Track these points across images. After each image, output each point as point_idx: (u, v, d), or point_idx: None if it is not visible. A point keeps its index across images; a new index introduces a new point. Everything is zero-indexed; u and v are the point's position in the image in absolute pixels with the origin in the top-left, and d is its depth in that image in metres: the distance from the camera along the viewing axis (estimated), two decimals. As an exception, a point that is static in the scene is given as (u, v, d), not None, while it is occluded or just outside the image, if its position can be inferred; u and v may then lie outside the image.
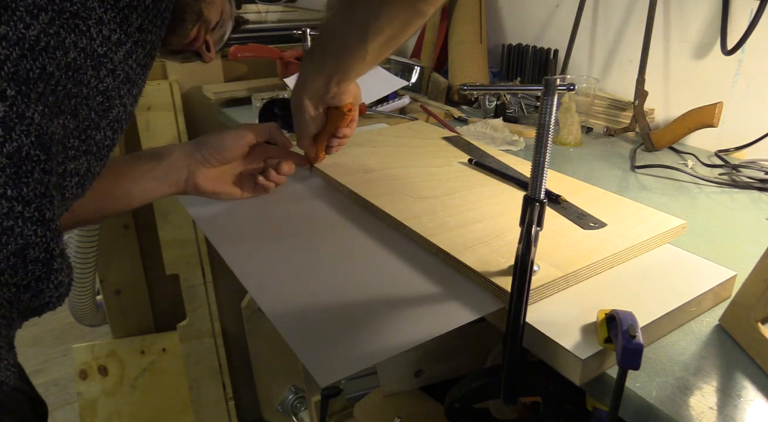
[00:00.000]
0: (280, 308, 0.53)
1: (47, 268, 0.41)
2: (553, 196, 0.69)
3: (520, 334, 0.48)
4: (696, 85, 1.05)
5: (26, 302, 0.41)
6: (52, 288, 0.42)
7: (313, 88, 0.66)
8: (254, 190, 0.75)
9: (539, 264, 0.54)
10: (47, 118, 0.40)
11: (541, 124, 0.46)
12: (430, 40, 1.46)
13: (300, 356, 0.47)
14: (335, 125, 0.73)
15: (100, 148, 0.48)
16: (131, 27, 0.47)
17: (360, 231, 0.68)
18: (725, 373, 0.46)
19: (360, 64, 0.61)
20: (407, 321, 0.50)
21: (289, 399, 1.60)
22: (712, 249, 0.66)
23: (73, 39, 0.42)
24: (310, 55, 0.66)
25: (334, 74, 0.63)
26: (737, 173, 0.90)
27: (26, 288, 0.40)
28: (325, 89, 0.65)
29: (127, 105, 0.50)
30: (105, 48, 0.45)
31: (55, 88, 0.41)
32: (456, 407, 0.55)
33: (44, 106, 0.40)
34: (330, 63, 0.63)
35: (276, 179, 0.74)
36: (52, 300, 0.43)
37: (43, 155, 0.40)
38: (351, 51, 0.60)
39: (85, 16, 0.42)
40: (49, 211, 0.40)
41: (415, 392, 0.90)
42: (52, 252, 0.41)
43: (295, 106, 0.69)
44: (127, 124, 0.51)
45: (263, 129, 0.73)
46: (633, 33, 1.14)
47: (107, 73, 0.46)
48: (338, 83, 0.65)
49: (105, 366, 1.56)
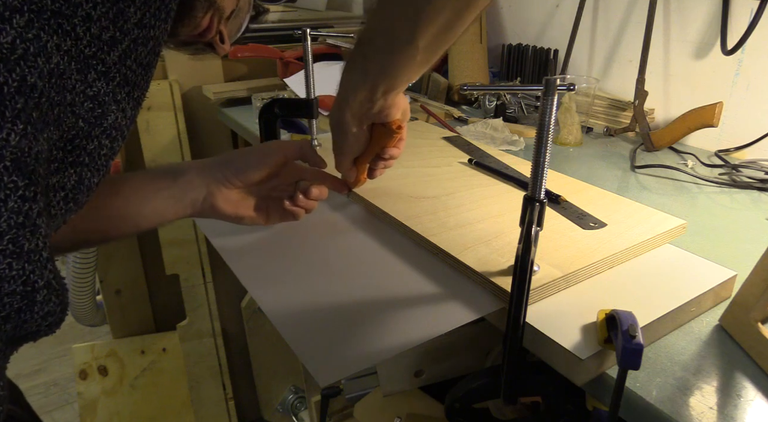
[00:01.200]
0: (280, 308, 0.53)
1: (28, 300, 0.37)
2: (553, 196, 0.69)
3: (520, 334, 0.48)
4: (696, 85, 1.05)
5: (9, 332, 0.37)
6: (37, 318, 0.38)
7: (356, 101, 0.56)
8: (282, 216, 0.65)
9: (539, 264, 0.54)
10: (29, 137, 0.35)
11: (541, 124, 0.46)
12: (430, 40, 1.46)
13: (300, 356, 0.47)
14: (381, 145, 0.63)
15: (94, 158, 0.43)
16: (128, 23, 0.41)
17: (360, 230, 0.68)
18: (725, 373, 0.46)
19: (409, 66, 0.52)
20: (407, 321, 0.50)
21: (289, 399, 1.60)
22: (712, 249, 0.66)
23: (55, 42, 0.37)
24: (350, 64, 0.56)
25: (379, 82, 0.54)
26: (737, 173, 0.90)
27: (5, 319, 0.36)
28: (369, 102, 0.55)
29: (128, 110, 0.45)
30: (94, 48, 0.39)
31: (39, 101, 0.36)
32: (456, 407, 0.55)
33: (25, 124, 0.35)
34: (374, 69, 0.53)
35: (305, 205, 0.64)
36: (41, 329, 0.39)
37: (22, 180, 0.35)
38: (398, 50, 0.50)
39: (70, 13, 0.37)
40: (29, 242, 0.36)
41: (415, 392, 0.90)
42: (33, 285, 0.36)
43: (336, 124, 0.59)
44: (130, 131, 0.47)
45: (294, 146, 0.64)
46: (633, 33, 1.14)
47: (98, 76, 0.41)
48: (385, 94, 0.55)
49: (105, 366, 1.56)
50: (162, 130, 1.39)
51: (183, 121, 1.40)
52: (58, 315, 0.39)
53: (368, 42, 0.53)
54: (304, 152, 0.64)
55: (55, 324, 0.39)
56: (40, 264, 0.37)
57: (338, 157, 0.63)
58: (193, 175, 0.60)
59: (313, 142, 0.92)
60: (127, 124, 0.45)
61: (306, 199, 0.64)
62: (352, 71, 0.55)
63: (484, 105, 1.25)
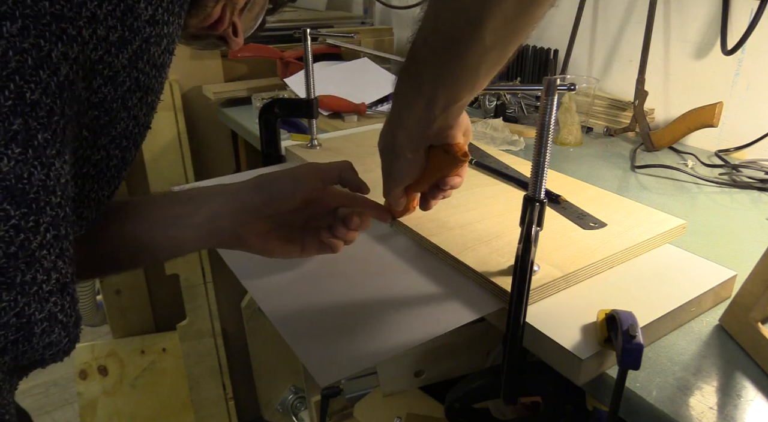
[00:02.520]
0: (280, 308, 0.53)
1: (24, 332, 0.34)
2: (553, 196, 0.69)
3: (520, 334, 0.48)
4: (696, 85, 1.05)
5: (10, 363, 0.35)
6: (38, 348, 0.35)
7: (411, 118, 0.47)
8: (319, 247, 0.57)
9: (539, 264, 0.54)
10: (30, 162, 0.31)
11: (541, 124, 0.46)
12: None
13: (300, 356, 0.47)
14: (441, 173, 0.53)
15: (101, 169, 0.39)
16: (138, 20, 0.37)
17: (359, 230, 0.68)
18: (725, 373, 0.46)
19: (475, 70, 0.42)
20: (407, 321, 0.50)
21: (289, 399, 1.60)
22: (712, 249, 0.66)
23: (61, 50, 0.32)
24: (402, 73, 0.46)
25: (438, 94, 0.44)
26: (737, 173, 0.90)
27: (2, 351, 0.34)
28: (427, 118, 0.46)
29: (140, 117, 0.41)
30: (101, 51, 0.36)
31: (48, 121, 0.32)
32: (456, 407, 0.55)
33: (24, 148, 0.31)
34: (430, 77, 0.43)
35: (345, 236, 0.56)
36: (44, 359, 0.36)
37: (16, 209, 0.31)
38: (460, 49, 0.40)
39: (73, 15, 0.33)
40: (22, 274, 0.33)
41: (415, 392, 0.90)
42: (29, 318, 0.34)
43: (386, 148, 0.51)
44: (144, 138, 0.43)
45: (332, 169, 0.55)
46: (633, 33, 1.14)
47: (104, 81, 0.37)
48: (445, 109, 0.45)
49: (105, 366, 1.56)
50: (162, 130, 1.39)
51: (183, 121, 1.40)
52: (65, 345, 0.37)
53: (422, 43, 0.43)
54: (344, 175, 0.55)
55: (61, 354, 0.37)
56: (38, 296, 0.34)
57: (387, 185, 0.55)
58: (218, 202, 0.52)
59: (313, 142, 0.92)
60: (140, 132, 0.42)
61: (347, 230, 0.56)
62: (404, 82, 0.46)
63: (484, 105, 1.25)
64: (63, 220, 0.34)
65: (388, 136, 0.50)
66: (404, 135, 0.48)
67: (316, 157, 0.87)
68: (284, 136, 1.00)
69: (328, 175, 0.55)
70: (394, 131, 0.49)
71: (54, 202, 0.33)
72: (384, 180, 0.55)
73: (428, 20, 0.42)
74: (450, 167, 0.51)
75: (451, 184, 0.54)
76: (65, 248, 0.35)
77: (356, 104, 1.18)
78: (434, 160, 0.51)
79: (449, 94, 0.44)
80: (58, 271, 0.34)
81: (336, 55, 1.48)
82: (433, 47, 0.42)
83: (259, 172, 0.56)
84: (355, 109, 1.19)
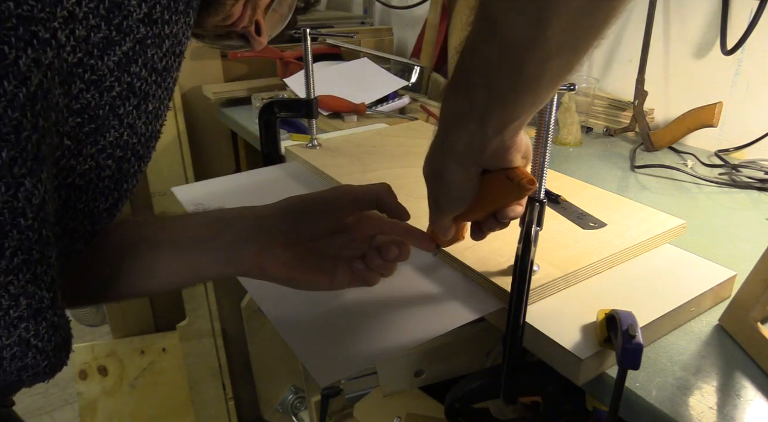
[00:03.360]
0: (279, 308, 0.53)
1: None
2: (553, 196, 0.69)
3: (520, 334, 0.48)
4: (696, 85, 1.05)
5: None
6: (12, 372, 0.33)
7: (460, 140, 0.40)
8: (351, 279, 0.49)
9: (539, 264, 0.54)
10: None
11: (541, 124, 0.46)
12: (429, 40, 1.46)
13: (300, 356, 0.47)
14: (499, 202, 0.46)
15: (90, 180, 0.36)
16: (129, 19, 0.33)
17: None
18: (725, 373, 0.46)
19: (536, 83, 0.35)
20: (407, 321, 0.50)
21: (289, 399, 1.60)
22: (712, 249, 0.66)
23: (31, 57, 0.28)
24: (449, 89, 0.40)
25: (491, 112, 0.38)
26: (737, 173, 0.90)
27: None
28: (479, 140, 0.40)
29: (137, 125, 0.36)
30: (80, 54, 0.32)
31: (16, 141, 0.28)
32: (456, 407, 0.55)
33: None
34: (482, 88, 0.37)
35: (381, 268, 0.49)
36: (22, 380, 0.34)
37: None
38: (518, 52, 0.33)
39: (46, 16, 0.28)
40: None
41: (415, 392, 0.90)
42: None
43: (432, 173, 0.45)
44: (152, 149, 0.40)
45: (369, 193, 0.48)
46: (633, 33, 1.14)
47: (86, 86, 0.33)
48: (500, 127, 0.39)
49: (105, 366, 1.56)
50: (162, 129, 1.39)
51: (183, 121, 1.40)
52: (44, 368, 0.34)
53: (471, 51, 0.37)
54: (383, 199, 0.48)
55: (41, 376, 0.35)
56: (4, 322, 0.31)
57: (434, 214, 0.48)
58: (240, 226, 0.47)
59: (313, 142, 0.92)
60: (142, 142, 0.38)
61: (383, 261, 0.48)
62: (452, 97, 0.40)
63: (484, 105, 1.25)
64: (36, 243, 0.31)
65: (435, 161, 0.44)
66: (453, 159, 0.42)
67: (315, 157, 0.87)
68: (284, 136, 1.00)
69: (364, 199, 0.48)
70: (441, 155, 0.43)
71: (23, 225, 0.30)
72: (431, 208, 0.49)
73: (479, 22, 0.35)
74: (511, 196, 0.44)
75: (512, 215, 0.47)
76: (40, 273, 0.32)
77: (356, 104, 1.18)
78: (491, 188, 0.44)
79: (505, 111, 0.38)
80: (29, 296, 0.32)
81: (336, 55, 1.48)
82: (485, 54, 0.35)
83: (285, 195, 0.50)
84: (355, 109, 1.19)
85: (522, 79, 0.35)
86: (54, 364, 0.35)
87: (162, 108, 0.38)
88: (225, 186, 0.85)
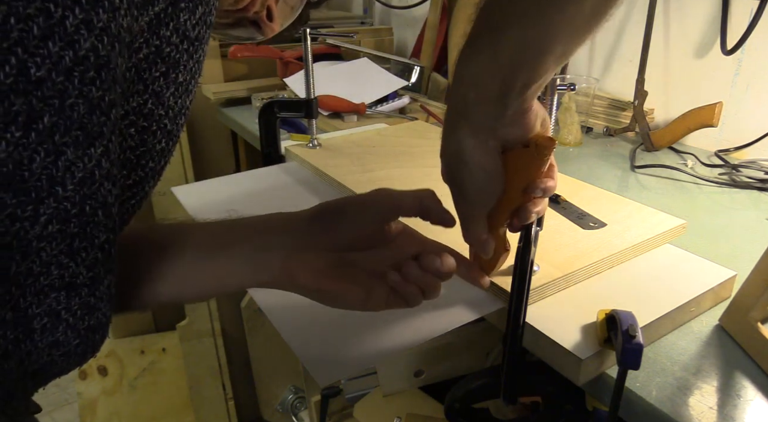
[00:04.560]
0: (280, 308, 0.53)
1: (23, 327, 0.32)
2: (553, 196, 0.69)
3: (520, 334, 0.48)
4: (696, 85, 1.05)
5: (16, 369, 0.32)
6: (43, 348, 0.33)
7: (480, 109, 0.38)
8: (389, 299, 0.44)
9: (539, 264, 0.54)
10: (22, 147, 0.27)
11: (541, 124, 0.46)
12: (430, 39, 1.46)
13: (300, 356, 0.47)
14: (524, 178, 0.42)
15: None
16: None
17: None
18: (725, 373, 0.46)
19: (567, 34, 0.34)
20: (407, 321, 0.50)
21: (289, 399, 1.60)
22: (712, 249, 0.66)
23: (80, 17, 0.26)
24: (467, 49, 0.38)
25: (519, 69, 0.36)
26: (737, 173, 0.90)
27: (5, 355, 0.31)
28: (501, 106, 0.37)
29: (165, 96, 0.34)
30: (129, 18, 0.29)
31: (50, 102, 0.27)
32: (456, 407, 0.55)
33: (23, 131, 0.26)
34: (510, 46, 0.35)
35: (421, 281, 0.43)
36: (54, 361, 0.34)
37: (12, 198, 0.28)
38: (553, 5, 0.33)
39: None
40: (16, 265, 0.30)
41: (415, 392, 0.90)
42: (25, 311, 0.31)
43: (450, 164, 0.42)
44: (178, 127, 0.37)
45: (410, 198, 0.43)
46: (633, 33, 1.14)
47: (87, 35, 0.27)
48: (523, 89, 0.37)
49: (105, 366, 1.56)
50: (162, 130, 1.39)
51: (183, 121, 1.40)
52: (76, 348, 0.34)
53: (498, 6, 0.35)
54: (426, 204, 0.43)
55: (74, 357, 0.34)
56: (33, 289, 0.31)
57: (464, 218, 0.44)
58: (270, 231, 0.44)
59: (313, 141, 0.92)
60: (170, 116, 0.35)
61: (423, 273, 0.42)
62: (472, 58, 0.37)
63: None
64: (76, 217, 0.30)
65: (451, 145, 0.41)
66: (471, 133, 0.39)
67: (315, 157, 0.87)
68: (284, 136, 1.00)
69: (405, 204, 0.43)
70: (457, 132, 0.40)
71: (60, 194, 0.29)
72: (459, 214, 0.45)
73: None
74: (533, 164, 0.41)
75: (543, 187, 0.43)
76: (77, 247, 0.31)
77: (356, 104, 1.19)
78: (514, 165, 0.41)
79: (531, 70, 0.35)
80: (61, 267, 0.31)
81: (336, 55, 1.48)
82: (513, 10, 0.34)
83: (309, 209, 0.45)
84: (355, 109, 1.19)
85: (554, 32, 0.34)
86: (86, 345, 0.34)
87: (192, 82, 0.36)
88: (225, 186, 0.85)
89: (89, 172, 0.30)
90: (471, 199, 0.43)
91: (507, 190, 0.43)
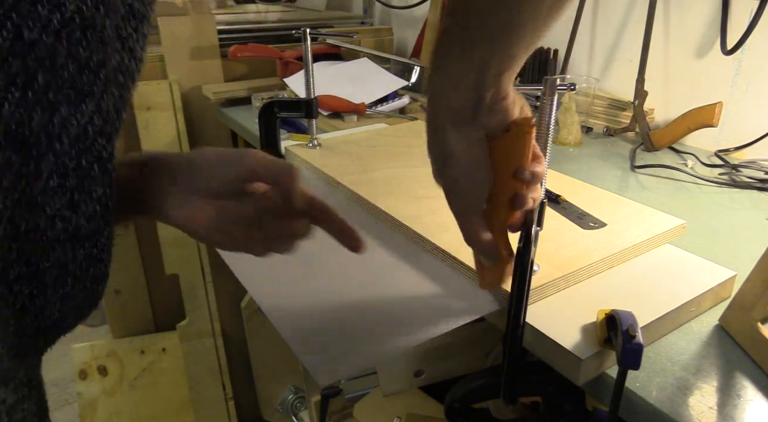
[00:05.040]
0: (279, 308, 0.53)
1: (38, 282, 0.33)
2: (553, 196, 0.69)
3: (520, 334, 0.48)
4: (696, 85, 1.05)
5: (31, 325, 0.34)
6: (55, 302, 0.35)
7: (455, 100, 0.39)
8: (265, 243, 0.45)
9: (539, 264, 0.54)
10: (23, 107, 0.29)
11: (541, 124, 0.46)
12: (429, 39, 1.46)
13: (300, 356, 0.47)
14: (513, 162, 0.43)
15: None
16: None
17: (359, 230, 0.68)
18: (725, 373, 0.46)
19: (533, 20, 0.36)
20: (407, 321, 0.50)
21: (289, 399, 1.60)
22: (712, 249, 0.66)
23: None
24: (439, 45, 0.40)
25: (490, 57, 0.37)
26: (737, 173, 0.90)
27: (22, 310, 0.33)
28: (475, 95, 0.39)
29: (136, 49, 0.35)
30: None
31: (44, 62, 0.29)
32: (456, 407, 0.55)
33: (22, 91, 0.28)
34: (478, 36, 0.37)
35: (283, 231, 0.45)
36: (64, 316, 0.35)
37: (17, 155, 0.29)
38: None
39: None
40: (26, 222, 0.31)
41: (415, 392, 0.90)
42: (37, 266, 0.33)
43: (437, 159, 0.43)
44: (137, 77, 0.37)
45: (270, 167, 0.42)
46: (633, 33, 1.14)
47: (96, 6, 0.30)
48: (497, 76, 0.38)
49: (105, 366, 1.56)
50: (162, 130, 1.39)
51: (183, 121, 1.40)
52: (83, 301, 0.36)
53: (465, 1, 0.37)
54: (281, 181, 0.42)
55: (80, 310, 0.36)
56: (42, 244, 0.33)
57: (460, 215, 0.44)
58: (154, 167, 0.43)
59: (313, 141, 0.92)
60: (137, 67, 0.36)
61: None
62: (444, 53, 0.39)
63: (484, 105, 1.25)
64: (74, 171, 0.32)
65: (435, 142, 0.41)
66: (452, 129, 0.40)
67: (315, 157, 0.87)
68: (284, 136, 1.00)
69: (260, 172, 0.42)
70: (439, 131, 0.41)
71: (59, 150, 0.31)
72: (455, 211, 0.44)
73: None
74: (516, 147, 0.41)
75: (531, 170, 0.43)
76: (78, 200, 0.33)
77: (356, 104, 1.19)
78: (499, 152, 0.42)
79: (503, 57, 0.37)
80: (65, 221, 0.33)
81: (336, 55, 1.48)
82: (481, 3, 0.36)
83: None
84: (355, 109, 1.19)
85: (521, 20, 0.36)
86: (91, 296, 0.37)
87: (150, 30, 0.37)
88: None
89: (83, 128, 0.32)
90: (462, 191, 0.44)
91: (497, 179, 0.43)
